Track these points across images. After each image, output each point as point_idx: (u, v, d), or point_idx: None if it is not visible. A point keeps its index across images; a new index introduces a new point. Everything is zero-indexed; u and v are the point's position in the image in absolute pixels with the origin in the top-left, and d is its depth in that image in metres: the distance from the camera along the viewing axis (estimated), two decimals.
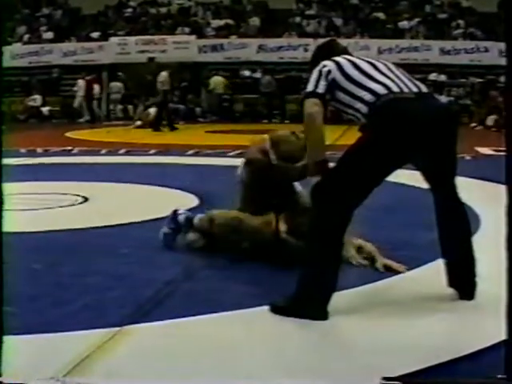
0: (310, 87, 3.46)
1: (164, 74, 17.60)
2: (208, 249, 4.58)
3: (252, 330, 3.18)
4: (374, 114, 3.35)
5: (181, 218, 4.76)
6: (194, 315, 3.30)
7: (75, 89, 21.54)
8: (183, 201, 6.13)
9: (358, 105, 3.40)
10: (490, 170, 8.84)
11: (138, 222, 5.63)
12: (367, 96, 3.37)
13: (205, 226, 4.62)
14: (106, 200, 6.89)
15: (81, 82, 21.48)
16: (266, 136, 4.65)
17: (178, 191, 7.13)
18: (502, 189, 6.52)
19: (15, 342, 2.35)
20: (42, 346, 2.88)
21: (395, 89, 3.37)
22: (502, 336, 2.90)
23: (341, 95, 3.47)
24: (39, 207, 6.27)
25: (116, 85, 22.30)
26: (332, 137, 15.07)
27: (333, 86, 3.45)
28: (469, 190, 7.12)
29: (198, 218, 4.71)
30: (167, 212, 5.21)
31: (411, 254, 4.48)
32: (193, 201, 6.47)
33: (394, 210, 6.13)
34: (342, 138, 15.65)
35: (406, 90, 3.40)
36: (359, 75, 3.44)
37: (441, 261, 3.84)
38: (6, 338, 2.24)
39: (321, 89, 3.44)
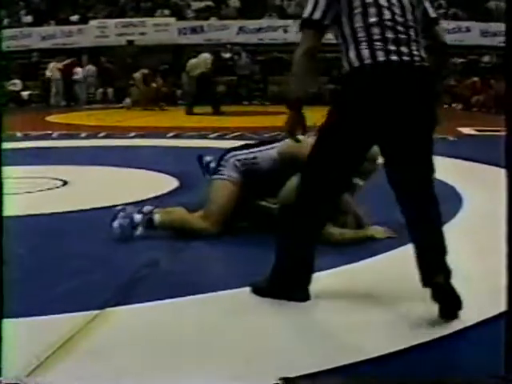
0: (307, 11, 3.15)
1: (205, 56, 17.49)
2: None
3: (233, 310, 3.17)
4: (349, 82, 3.14)
5: (137, 217, 4.59)
6: (175, 297, 3.28)
7: (48, 73, 21.32)
8: (163, 183, 6.09)
9: (345, 60, 3.12)
10: (472, 151, 8.89)
11: (119, 205, 5.56)
12: (353, 57, 3.07)
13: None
14: (85, 183, 6.84)
15: (52, 66, 21.29)
16: None
17: (158, 174, 7.09)
18: (485, 169, 6.58)
19: None
20: (23, 330, 2.85)
21: (381, 58, 3.03)
22: (482, 316, 2.91)
23: (338, 33, 3.16)
24: (19, 191, 6.20)
25: (90, 68, 22.11)
26: (313, 118, 15.08)
27: (336, 17, 3.12)
28: (451, 169, 7.18)
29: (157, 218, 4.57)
30: (147, 195, 5.19)
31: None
32: (172, 183, 6.43)
33: (374, 189, 6.11)
34: (323, 119, 15.64)
35: (393, 57, 3.04)
36: (359, 17, 3.08)
37: None
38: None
39: (318, 15, 3.11)
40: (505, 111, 2.11)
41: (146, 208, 4.67)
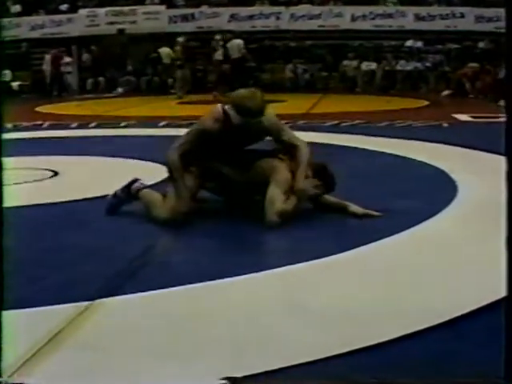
0: None
1: (235, 42, 17.33)
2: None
3: (226, 300, 3.13)
4: None
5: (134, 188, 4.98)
6: (166, 287, 3.24)
7: (44, 65, 21.28)
8: (155, 172, 6.01)
9: None
10: (467, 137, 8.85)
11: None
12: None
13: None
14: (76, 174, 6.77)
15: (47, 57, 21.23)
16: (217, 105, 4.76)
17: (150, 163, 7.02)
18: (480, 155, 6.55)
19: None
20: (13, 322, 2.79)
21: None
22: (478, 304, 2.87)
23: None
24: (9, 183, 6.12)
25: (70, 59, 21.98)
26: (306, 106, 15.04)
27: None
28: (446, 156, 7.14)
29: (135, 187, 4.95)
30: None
31: (387, 221, 4.45)
32: (164, 172, 6.35)
33: (370, 177, 6.09)
34: (316, 106, 15.60)
35: None
36: None
37: (415, 229, 3.80)
38: None
39: None
40: (505, 98, 2.05)
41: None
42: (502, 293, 2.08)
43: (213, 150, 4.65)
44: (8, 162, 6.35)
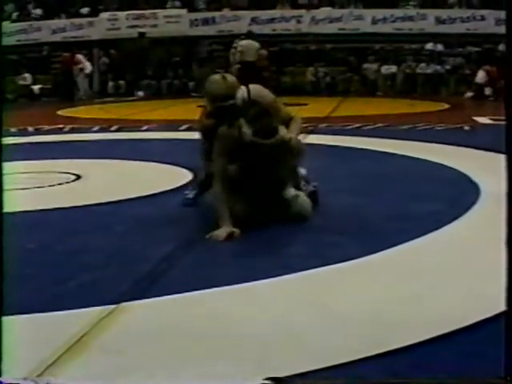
0: None
1: (249, 43, 17.26)
2: None
3: (251, 304, 3.13)
4: None
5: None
6: (191, 290, 3.24)
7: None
8: (178, 176, 6.05)
9: None
10: (488, 140, 8.80)
11: (132, 199, 5.55)
12: None
13: None
14: (98, 177, 6.80)
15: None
16: None
17: (172, 166, 7.05)
18: (501, 158, 6.47)
19: (11, 321, 2.29)
20: (37, 326, 2.83)
21: None
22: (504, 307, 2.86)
23: None
24: (31, 186, 6.18)
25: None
26: (327, 109, 15.03)
27: None
28: (467, 159, 7.12)
29: None
30: (161, 188, 5.16)
31: (411, 224, 4.43)
32: (186, 176, 6.38)
33: (392, 180, 6.08)
34: (337, 109, 15.59)
35: None
36: None
37: (438, 233, 3.78)
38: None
39: None
40: (504, 99, 2.06)
41: None
42: None
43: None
44: (30, 165, 6.42)
